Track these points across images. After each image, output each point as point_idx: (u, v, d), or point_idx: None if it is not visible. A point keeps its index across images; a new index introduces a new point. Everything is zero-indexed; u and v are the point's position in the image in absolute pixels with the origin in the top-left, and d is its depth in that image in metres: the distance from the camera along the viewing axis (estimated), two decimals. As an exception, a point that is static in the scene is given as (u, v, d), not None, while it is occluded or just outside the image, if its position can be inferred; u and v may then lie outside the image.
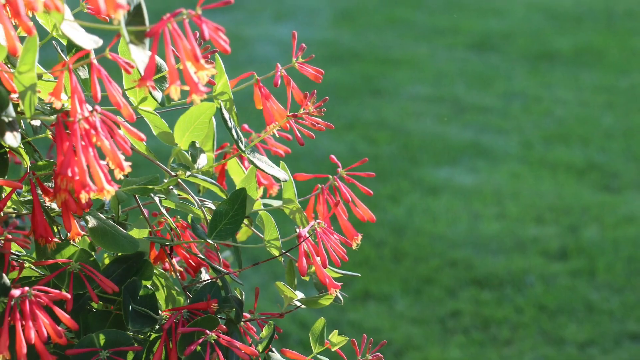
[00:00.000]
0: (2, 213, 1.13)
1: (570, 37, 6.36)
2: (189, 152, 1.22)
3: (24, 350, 1.02)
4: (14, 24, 1.03)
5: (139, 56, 1.02)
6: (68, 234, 1.12)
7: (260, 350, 1.20)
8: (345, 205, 1.25)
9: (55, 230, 1.17)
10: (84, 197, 1.02)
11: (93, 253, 1.17)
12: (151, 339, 1.16)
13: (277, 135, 1.29)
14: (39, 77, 1.08)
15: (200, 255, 1.27)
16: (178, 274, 1.25)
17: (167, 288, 1.25)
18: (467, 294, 3.40)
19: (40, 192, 1.12)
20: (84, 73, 1.16)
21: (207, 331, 1.12)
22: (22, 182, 1.11)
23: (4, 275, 1.08)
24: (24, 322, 1.02)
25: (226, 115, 1.22)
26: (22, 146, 1.16)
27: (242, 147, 1.22)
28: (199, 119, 1.20)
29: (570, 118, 5.05)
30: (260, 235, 1.24)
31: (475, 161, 4.52)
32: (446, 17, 6.76)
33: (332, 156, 1.28)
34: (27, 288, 1.04)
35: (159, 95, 1.16)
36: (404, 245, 3.71)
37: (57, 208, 1.12)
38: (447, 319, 3.27)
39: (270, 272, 3.43)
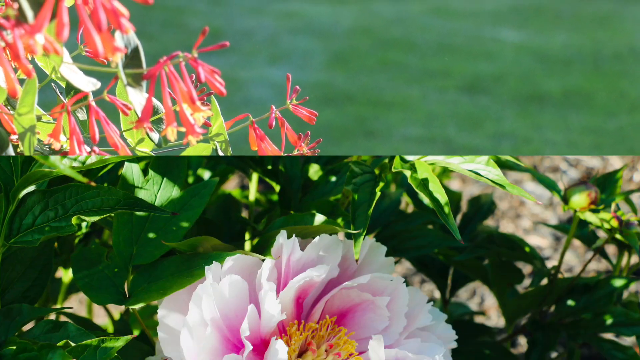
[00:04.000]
0: None
1: (559, 79, 6.40)
2: (185, 192, 1.23)
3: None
4: (13, 66, 1.04)
5: (136, 98, 1.03)
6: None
7: None
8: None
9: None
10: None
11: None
12: None
13: (271, 176, 1.30)
14: (38, 118, 1.10)
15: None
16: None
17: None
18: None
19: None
20: (82, 115, 1.17)
21: None
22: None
23: None
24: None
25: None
26: (21, 186, 1.17)
27: (237, 187, 1.24)
28: (195, 160, 1.22)
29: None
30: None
31: (467, 202, 4.53)
32: (437, 60, 6.79)
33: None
34: None
35: (156, 136, 1.17)
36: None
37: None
38: None
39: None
